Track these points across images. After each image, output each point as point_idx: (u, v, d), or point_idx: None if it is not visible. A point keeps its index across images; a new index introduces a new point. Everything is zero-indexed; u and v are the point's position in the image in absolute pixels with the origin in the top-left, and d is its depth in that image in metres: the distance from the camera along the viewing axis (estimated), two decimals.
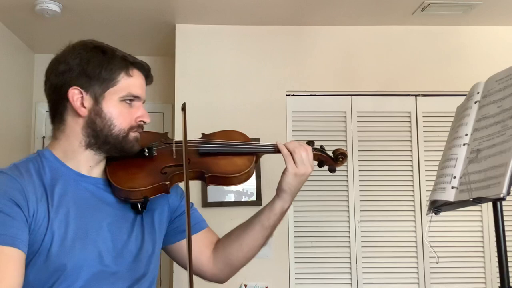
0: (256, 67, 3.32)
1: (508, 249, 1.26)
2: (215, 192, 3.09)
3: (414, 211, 3.24)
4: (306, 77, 3.32)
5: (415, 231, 3.23)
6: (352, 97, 3.33)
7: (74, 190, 1.25)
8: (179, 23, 3.30)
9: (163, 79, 3.51)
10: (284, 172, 1.40)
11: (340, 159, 1.48)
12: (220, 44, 3.33)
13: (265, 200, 3.32)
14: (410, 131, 3.31)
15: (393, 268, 3.19)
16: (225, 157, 1.39)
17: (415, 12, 3.15)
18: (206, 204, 3.08)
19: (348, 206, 3.22)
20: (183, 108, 1.29)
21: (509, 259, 1.26)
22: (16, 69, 3.54)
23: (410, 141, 3.30)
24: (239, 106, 3.25)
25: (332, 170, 1.50)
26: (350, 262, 3.18)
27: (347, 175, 3.23)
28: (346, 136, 3.28)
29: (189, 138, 1.34)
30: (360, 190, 3.23)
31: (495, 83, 1.38)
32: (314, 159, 1.45)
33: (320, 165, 1.50)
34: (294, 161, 1.38)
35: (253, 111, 3.23)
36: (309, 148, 1.42)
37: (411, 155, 3.29)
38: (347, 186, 3.23)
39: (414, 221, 3.24)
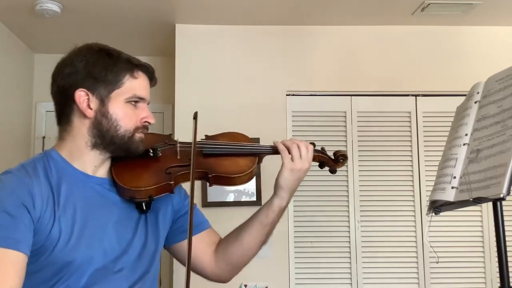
0: (256, 67, 3.32)
1: (508, 249, 1.26)
2: (215, 192, 3.08)
3: (414, 211, 3.24)
4: (306, 77, 3.32)
5: (415, 231, 3.22)
6: (352, 97, 3.33)
7: (80, 190, 1.27)
8: (179, 23, 3.30)
9: (163, 79, 3.44)
10: (281, 168, 1.41)
11: (341, 160, 1.51)
12: (220, 44, 3.33)
13: (265, 200, 3.34)
14: (410, 131, 3.31)
15: (393, 268, 3.19)
16: (228, 158, 1.42)
17: (415, 12, 3.15)
18: (206, 204, 3.08)
19: (348, 206, 3.22)
20: (195, 117, 1.32)
21: (509, 259, 1.26)
22: (16, 69, 3.54)
23: (410, 141, 3.30)
24: (238, 106, 3.25)
25: (332, 171, 1.53)
26: (350, 262, 3.18)
27: (347, 175, 3.23)
28: (346, 136, 3.28)
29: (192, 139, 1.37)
30: (360, 190, 3.23)
31: (495, 83, 1.38)
32: (315, 160, 1.47)
33: (321, 166, 1.52)
34: (291, 157, 1.39)
35: (253, 111, 3.23)
36: (310, 145, 1.43)
37: (411, 155, 3.29)
38: (347, 186, 3.23)
39: (414, 221, 3.23)
